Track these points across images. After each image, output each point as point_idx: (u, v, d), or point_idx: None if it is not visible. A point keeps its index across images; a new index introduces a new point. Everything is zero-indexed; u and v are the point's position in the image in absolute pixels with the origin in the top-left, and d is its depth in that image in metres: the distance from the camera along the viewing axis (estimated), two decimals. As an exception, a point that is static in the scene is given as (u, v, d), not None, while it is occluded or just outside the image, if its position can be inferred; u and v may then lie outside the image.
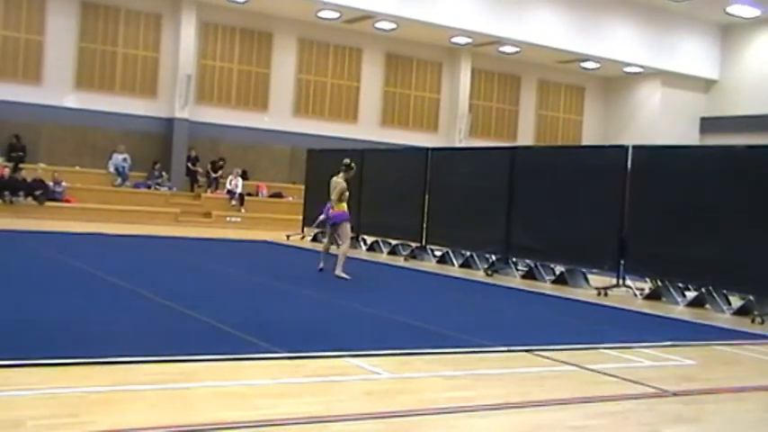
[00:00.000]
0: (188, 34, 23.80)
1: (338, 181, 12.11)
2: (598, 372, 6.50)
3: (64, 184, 21.55)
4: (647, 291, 12.32)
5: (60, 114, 22.54)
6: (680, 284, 12.02)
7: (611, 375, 6.39)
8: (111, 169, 23.10)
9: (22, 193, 20.59)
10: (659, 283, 12.25)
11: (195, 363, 5.80)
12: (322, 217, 12.61)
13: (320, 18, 24.95)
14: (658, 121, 29.32)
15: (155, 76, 23.89)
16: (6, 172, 20.88)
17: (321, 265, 12.43)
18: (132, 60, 23.59)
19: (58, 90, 22.58)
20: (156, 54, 23.88)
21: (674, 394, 5.90)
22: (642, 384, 6.10)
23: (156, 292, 9.14)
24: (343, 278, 11.69)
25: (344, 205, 12.18)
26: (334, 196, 12.06)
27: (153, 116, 23.76)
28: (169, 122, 23.84)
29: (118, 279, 10.11)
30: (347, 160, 12.37)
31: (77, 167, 22.71)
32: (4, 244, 14.26)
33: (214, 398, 4.98)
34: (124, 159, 23.14)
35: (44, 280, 9.96)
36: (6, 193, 20.36)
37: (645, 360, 7.20)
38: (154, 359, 5.72)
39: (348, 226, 12.28)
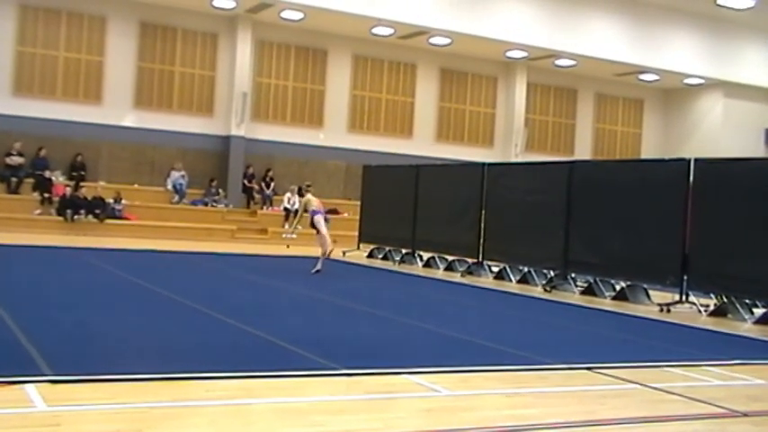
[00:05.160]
0: (244, 52, 24.10)
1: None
2: (663, 390, 6.32)
3: (123, 201, 21.94)
4: (711, 307, 11.98)
5: (119, 133, 22.99)
6: (747, 301, 11.67)
7: (676, 394, 6.21)
8: (169, 187, 23.46)
9: (83, 211, 21.01)
10: (725, 300, 11.91)
11: (254, 379, 5.80)
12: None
13: (374, 35, 25.03)
14: (721, 133, 28.74)
15: (211, 95, 24.24)
16: (68, 190, 21.33)
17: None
18: (189, 79, 23.98)
19: (117, 109, 23.02)
20: (212, 72, 24.24)
21: (745, 415, 5.70)
22: (710, 404, 5.91)
23: (214, 307, 9.20)
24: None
25: None
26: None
27: (210, 134, 24.09)
28: (225, 140, 24.13)
29: (176, 295, 10.22)
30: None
31: (136, 185, 23.10)
32: (67, 261, 14.56)
33: (274, 414, 4.97)
34: (182, 177, 23.50)
35: (105, 296, 10.12)
36: (68, 211, 20.80)
37: (712, 379, 6.98)
38: (214, 375, 5.74)
39: None
